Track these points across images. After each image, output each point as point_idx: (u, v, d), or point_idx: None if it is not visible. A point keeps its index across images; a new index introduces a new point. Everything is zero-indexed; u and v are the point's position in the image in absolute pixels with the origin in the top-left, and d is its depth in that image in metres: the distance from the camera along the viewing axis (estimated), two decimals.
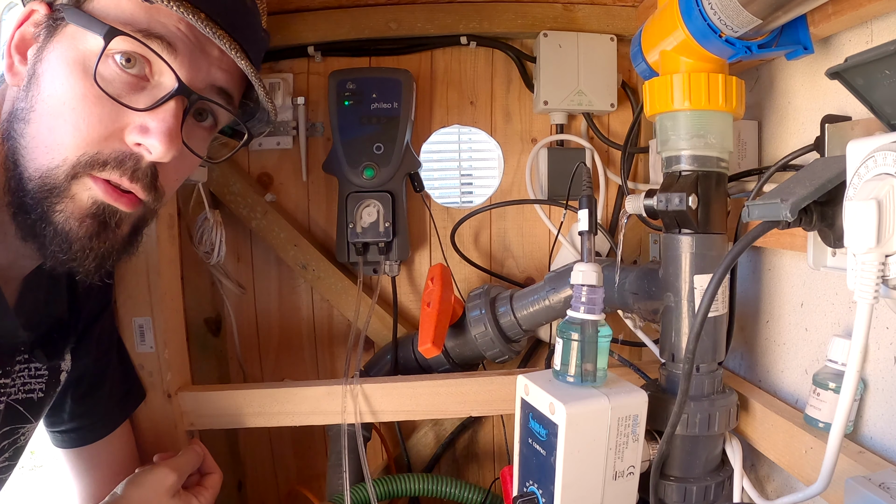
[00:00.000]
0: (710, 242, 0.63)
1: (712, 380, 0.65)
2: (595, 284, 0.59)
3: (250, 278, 1.00)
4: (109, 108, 0.51)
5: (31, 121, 0.51)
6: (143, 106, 0.52)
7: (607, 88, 0.95)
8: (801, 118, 0.69)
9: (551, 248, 1.02)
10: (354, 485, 0.84)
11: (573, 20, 0.94)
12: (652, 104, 0.64)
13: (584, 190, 0.63)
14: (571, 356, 0.58)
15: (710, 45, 0.58)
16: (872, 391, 0.59)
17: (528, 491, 0.61)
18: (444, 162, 1.13)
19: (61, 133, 0.50)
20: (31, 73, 0.52)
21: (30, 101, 0.51)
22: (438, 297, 0.80)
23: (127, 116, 0.52)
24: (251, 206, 0.93)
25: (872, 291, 0.45)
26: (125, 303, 0.77)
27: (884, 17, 0.56)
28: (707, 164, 0.63)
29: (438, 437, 1.02)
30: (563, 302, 0.76)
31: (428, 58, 0.99)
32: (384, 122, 0.90)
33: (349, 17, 0.92)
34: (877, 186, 0.44)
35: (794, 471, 0.62)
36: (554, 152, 0.98)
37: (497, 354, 0.83)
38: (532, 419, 0.59)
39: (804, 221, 0.52)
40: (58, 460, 0.75)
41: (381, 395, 0.78)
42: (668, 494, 0.64)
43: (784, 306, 0.73)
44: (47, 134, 0.51)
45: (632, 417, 0.58)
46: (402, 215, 0.93)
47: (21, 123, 0.51)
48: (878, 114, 0.49)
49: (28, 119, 0.51)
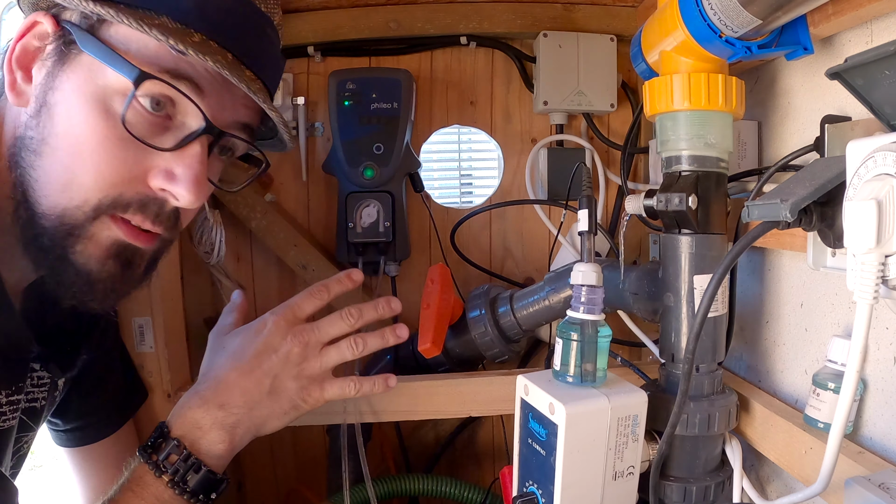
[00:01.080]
0: (709, 243, 0.63)
1: (712, 380, 0.65)
2: (595, 284, 0.59)
3: (250, 278, 1.00)
4: (133, 151, 0.49)
5: (43, 154, 0.49)
6: (168, 146, 0.50)
7: (607, 88, 0.95)
8: (801, 118, 0.69)
9: (551, 248, 1.02)
10: (354, 485, 0.84)
11: (573, 20, 0.94)
12: (652, 104, 0.64)
13: (584, 190, 0.63)
14: (571, 356, 0.58)
15: (710, 46, 0.58)
16: (872, 391, 0.59)
17: (527, 491, 0.61)
18: (444, 162, 1.13)
19: (81, 173, 0.48)
20: (41, 100, 0.49)
21: (41, 132, 0.49)
22: (438, 297, 0.80)
23: (151, 158, 0.50)
24: (251, 206, 0.93)
25: (872, 292, 0.45)
26: (125, 303, 0.77)
27: (884, 17, 0.56)
28: (707, 164, 0.63)
29: (438, 437, 1.02)
30: (562, 302, 0.76)
31: (428, 58, 0.99)
32: (384, 122, 0.90)
33: (349, 17, 0.92)
34: (877, 187, 0.44)
35: (793, 471, 0.62)
36: (554, 152, 0.98)
37: (497, 354, 0.82)
38: (532, 419, 0.59)
39: (804, 222, 0.52)
40: (60, 459, 0.75)
41: (381, 395, 0.78)
42: (667, 494, 0.64)
43: (784, 306, 0.73)
44: (63, 172, 0.49)
45: (631, 417, 0.58)
46: (402, 215, 0.93)
47: (31, 154, 0.49)
48: (878, 114, 0.49)
49: (40, 152, 0.49)
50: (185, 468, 0.55)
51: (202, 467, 0.56)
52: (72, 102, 0.48)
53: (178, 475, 0.55)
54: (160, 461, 0.55)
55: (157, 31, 0.46)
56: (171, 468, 0.55)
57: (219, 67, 0.48)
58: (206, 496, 0.56)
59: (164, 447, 0.56)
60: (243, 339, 0.62)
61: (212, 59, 0.48)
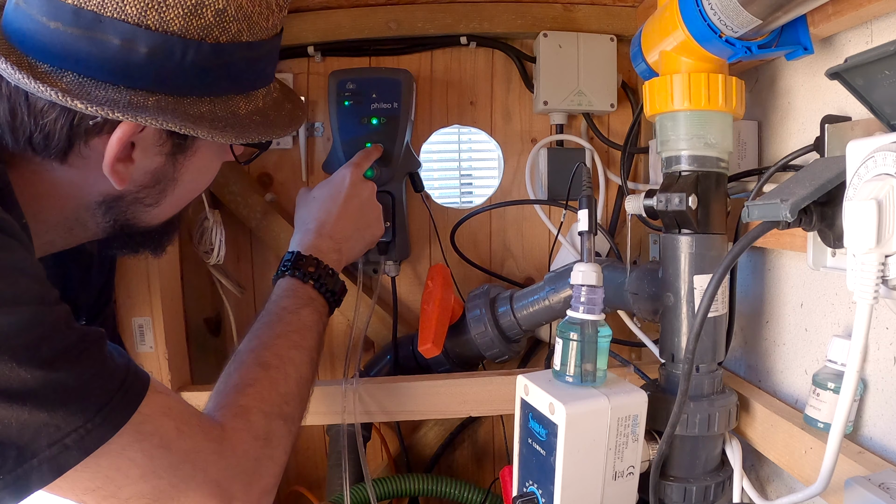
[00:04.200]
0: (709, 242, 0.63)
1: (712, 380, 0.65)
2: (595, 284, 0.59)
3: (250, 278, 1.00)
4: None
5: (161, 204, 0.59)
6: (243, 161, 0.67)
7: (607, 88, 0.95)
8: (801, 118, 0.69)
9: (551, 248, 1.02)
10: (354, 485, 0.84)
11: (573, 20, 0.94)
12: (652, 104, 0.64)
13: (584, 190, 0.63)
14: (571, 356, 0.58)
15: (710, 46, 0.58)
16: (872, 391, 0.59)
17: (527, 491, 0.61)
18: (444, 162, 1.13)
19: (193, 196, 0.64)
20: (161, 177, 0.57)
21: (163, 195, 0.58)
22: (438, 297, 0.80)
23: None
24: (251, 206, 0.93)
25: (872, 292, 0.45)
26: (125, 303, 0.77)
27: (884, 17, 0.56)
28: (707, 164, 0.63)
29: (438, 437, 1.02)
30: (562, 302, 0.76)
31: (428, 58, 0.99)
32: (384, 122, 0.90)
33: (349, 17, 0.92)
34: (877, 187, 0.44)
35: (793, 471, 0.62)
36: (554, 152, 0.98)
37: (497, 354, 0.83)
38: (532, 419, 0.59)
39: (804, 222, 0.52)
40: None
41: (381, 395, 0.78)
42: (667, 494, 0.64)
43: (784, 306, 0.73)
44: (180, 202, 0.62)
45: (631, 417, 0.58)
46: (402, 215, 0.93)
47: (145, 207, 0.58)
48: (878, 114, 0.49)
49: (159, 203, 0.59)
50: (324, 274, 0.70)
51: (334, 272, 0.72)
52: (201, 171, 0.61)
53: (321, 279, 0.70)
54: (304, 271, 0.69)
55: (253, 137, 0.57)
56: (313, 275, 0.69)
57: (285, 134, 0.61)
58: (339, 297, 0.72)
59: (302, 264, 0.70)
60: (330, 190, 0.78)
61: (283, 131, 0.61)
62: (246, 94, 0.57)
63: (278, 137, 0.60)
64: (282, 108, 0.62)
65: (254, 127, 0.57)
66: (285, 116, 0.62)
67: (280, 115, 0.61)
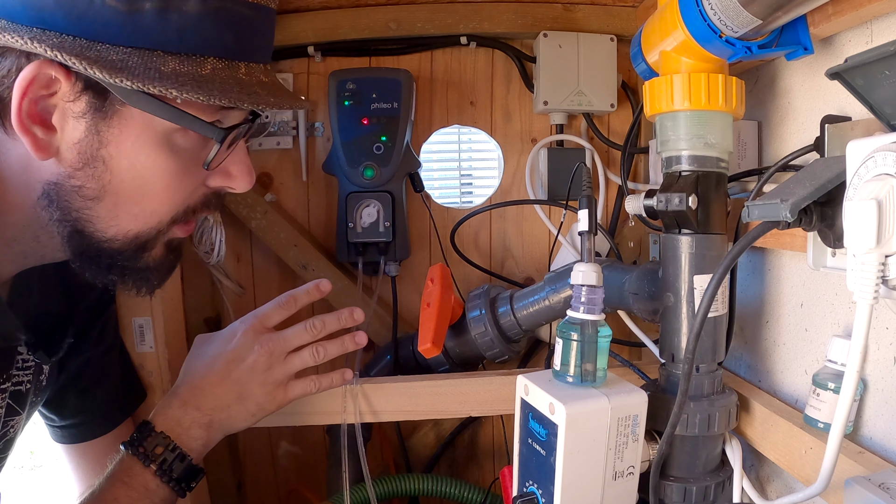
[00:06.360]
0: (709, 243, 0.63)
1: (712, 380, 0.65)
2: (595, 284, 0.59)
3: (250, 278, 1.00)
4: (194, 170, 0.54)
5: (104, 199, 0.51)
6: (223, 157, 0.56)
7: (607, 88, 0.95)
8: (801, 118, 0.69)
9: (551, 248, 1.02)
10: (354, 485, 0.84)
11: (573, 20, 0.94)
12: (652, 104, 0.64)
13: (584, 190, 0.63)
14: (571, 356, 0.58)
15: (710, 46, 0.58)
16: (872, 391, 0.59)
17: (527, 491, 0.61)
18: (444, 162, 1.13)
19: (152, 203, 0.53)
20: (88, 155, 0.49)
21: (98, 182, 0.50)
22: (438, 297, 0.80)
23: None
24: (251, 206, 0.93)
25: (872, 292, 0.45)
26: (125, 303, 0.77)
27: (884, 17, 0.56)
28: (707, 164, 0.63)
29: (438, 437, 1.02)
30: (563, 302, 0.76)
31: (428, 58, 0.99)
32: (384, 122, 0.90)
33: (349, 17, 0.92)
34: (877, 187, 0.44)
35: (793, 471, 0.62)
36: (554, 152, 0.98)
37: (497, 354, 0.82)
38: (532, 419, 0.59)
39: (804, 222, 0.52)
40: (58, 457, 0.75)
41: (381, 395, 0.78)
42: (667, 494, 0.64)
43: (784, 306, 0.73)
44: (132, 205, 0.52)
45: (631, 417, 0.58)
46: (402, 215, 0.93)
47: (87, 200, 0.51)
48: (878, 114, 0.49)
49: (101, 198, 0.51)
50: (171, 458, 0.61)
51: (186, 457, 0.62)
52: (134, 154, 0.50)
53: (166, 464, 0.60)
54: (148, 452, 0.60)
55: (217, 98, 0.48)
56: (158, 458, 0.60)
57: (270, 108, 0.53)
58: (188, 484, 0.62)
59: (150, 440, 0.61)
60: (216, 347, 0.68)
61: (263, 102, 0.51)
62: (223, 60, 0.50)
63: (266, 107, 0.52)
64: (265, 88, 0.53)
65: (227, 89, 0.49)
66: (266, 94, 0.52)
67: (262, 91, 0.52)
